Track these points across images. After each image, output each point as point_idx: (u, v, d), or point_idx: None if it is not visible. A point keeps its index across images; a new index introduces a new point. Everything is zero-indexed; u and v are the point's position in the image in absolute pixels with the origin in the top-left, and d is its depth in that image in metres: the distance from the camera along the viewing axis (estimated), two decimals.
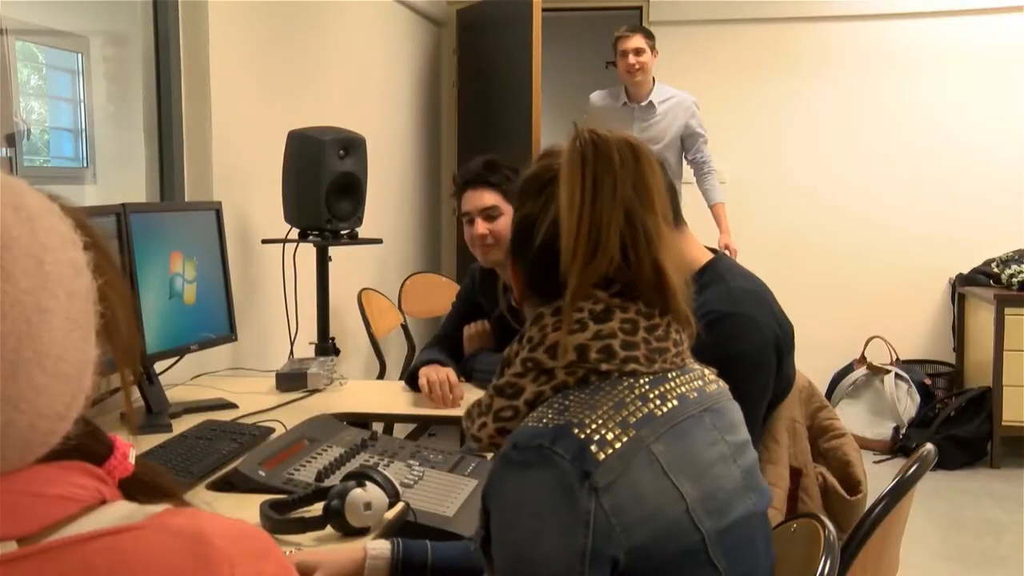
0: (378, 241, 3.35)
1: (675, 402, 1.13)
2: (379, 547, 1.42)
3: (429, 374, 2.48)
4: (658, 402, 1.11)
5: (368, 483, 1.57)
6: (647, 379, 1.13)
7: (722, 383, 1.25)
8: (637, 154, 1.14)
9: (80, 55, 3.09)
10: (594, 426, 1.07)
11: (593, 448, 1.05)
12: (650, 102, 4.59)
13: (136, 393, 2.23)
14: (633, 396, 1.10)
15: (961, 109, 5.20)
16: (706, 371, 1.23)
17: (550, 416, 1.09)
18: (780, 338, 1.89)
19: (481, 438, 1.20)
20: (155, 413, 2.24)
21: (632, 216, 1.13)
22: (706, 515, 1.09)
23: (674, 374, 1.16)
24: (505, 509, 1.09)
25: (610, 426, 1.07)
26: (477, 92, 5.16)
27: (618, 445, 1.06)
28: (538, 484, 1.05)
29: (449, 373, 2.48)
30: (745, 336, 1.84)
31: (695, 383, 1.18)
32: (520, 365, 1.16)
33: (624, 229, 1.12)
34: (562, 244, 1.12)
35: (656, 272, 1.14)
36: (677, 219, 1.99)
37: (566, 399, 1.11)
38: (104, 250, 0.72)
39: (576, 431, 1.06)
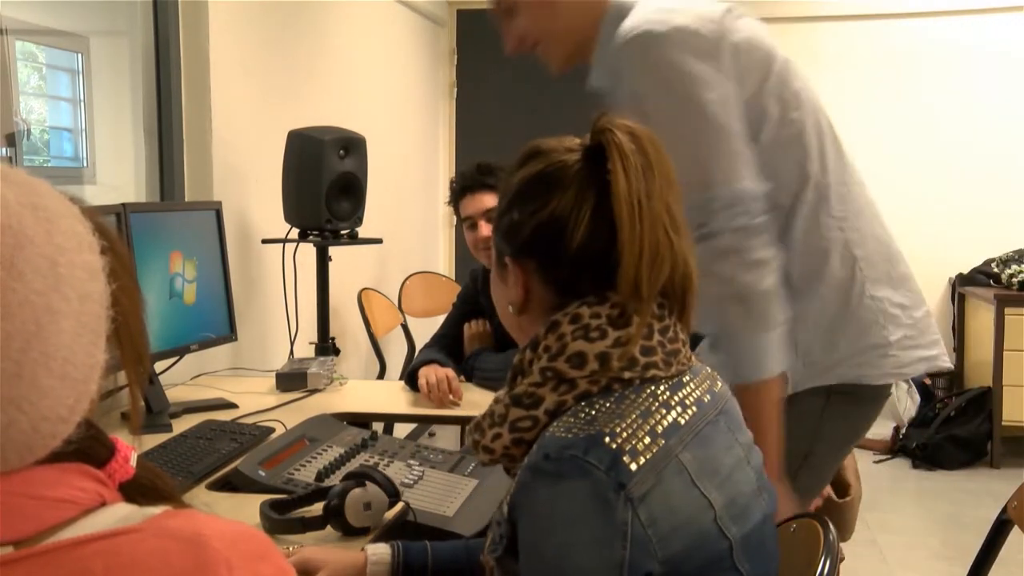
0: (378, 241, 3.35)
1: (694, 408, 1.11)
2: (379, 552, 1.41)
3: (428, 375, 2.48)
4: (679, 409, 1.09)
5: (368, 483, 1.56)
6: (666, 384, 1.10)
7: (723, 381, 1.23)
8: (656, 141, 1.10)
9: (80, 55, 3.09)
10: (625, 435, 1.03)
11: (626, 459, 1.01)
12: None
13: None
14: (657, 404, 1.08)
15: (961, 109, 5.19)
16: (709, 368, 1.21)
17: (578, 426, 1.06)
18: None
19: (494, 449, 1.14)
20: (155, 413, 2.24)
21: (670, 207, 1.10)
22: (731, 521, 1.07)
23: (688, 377, 1.14)
24: (537, 520, 1.05)
25: (640, 435, 1.04)
26: (476, 92, 5.15)
27: (649, 455, 1.03)
28: (572, 495, 1.02)
29: (448, 373, 2.48)
30: None
31: (705, 384, 1.16)
32: (539, 375, 1.11)
33: (668, 221, 1.08)
34: (624, 245, 1.06)
35: (685, 265, 1.11)
36: None
37: (591, 408, 1.07)
38: (121, 255, 0.72)
39: (608, 440, 1.03)
